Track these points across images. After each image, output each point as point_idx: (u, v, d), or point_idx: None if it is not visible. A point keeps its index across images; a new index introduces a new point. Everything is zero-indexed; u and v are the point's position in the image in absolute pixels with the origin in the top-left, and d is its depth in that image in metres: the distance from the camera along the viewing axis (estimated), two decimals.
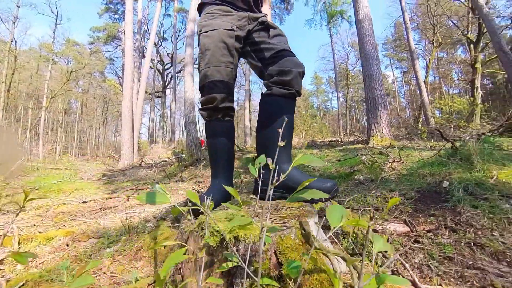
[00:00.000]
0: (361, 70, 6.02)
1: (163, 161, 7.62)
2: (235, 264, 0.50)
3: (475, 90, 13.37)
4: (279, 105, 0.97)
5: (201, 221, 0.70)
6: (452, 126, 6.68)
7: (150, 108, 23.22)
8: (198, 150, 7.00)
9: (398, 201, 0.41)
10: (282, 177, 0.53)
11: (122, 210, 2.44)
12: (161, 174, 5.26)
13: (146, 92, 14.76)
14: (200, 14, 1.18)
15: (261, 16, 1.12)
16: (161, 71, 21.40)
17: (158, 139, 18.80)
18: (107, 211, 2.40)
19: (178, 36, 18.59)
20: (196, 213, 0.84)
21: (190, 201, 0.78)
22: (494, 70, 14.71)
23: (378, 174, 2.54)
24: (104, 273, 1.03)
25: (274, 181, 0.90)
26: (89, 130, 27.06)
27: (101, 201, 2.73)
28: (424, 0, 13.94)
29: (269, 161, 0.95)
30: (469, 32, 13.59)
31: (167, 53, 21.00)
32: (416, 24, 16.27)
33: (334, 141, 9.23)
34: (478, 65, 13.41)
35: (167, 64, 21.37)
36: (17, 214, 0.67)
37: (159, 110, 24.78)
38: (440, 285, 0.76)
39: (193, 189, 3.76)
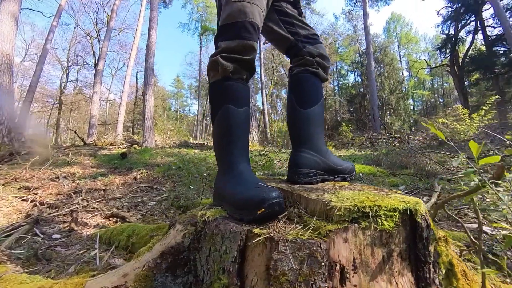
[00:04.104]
0: None
1: None
2: None
3: None
4: (320, 86, 0.89)
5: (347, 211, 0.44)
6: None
7: None
8: (13, 138, 4.34)
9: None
10: None
11: None
12: None
13: None
14: None
15: None
16: None
17: None
18: None
19: None
20: (278, 212, 0.51)
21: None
22: None
23: (274, 170, 2.86)
24: None
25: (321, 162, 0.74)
26: None
27: None
28: (271, 49, 18.15)
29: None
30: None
31: None
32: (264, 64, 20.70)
33: (201, 143, 9.30)
34: None
35: None
36: None
37: None
38: None
39: (33, 203, 2.32)
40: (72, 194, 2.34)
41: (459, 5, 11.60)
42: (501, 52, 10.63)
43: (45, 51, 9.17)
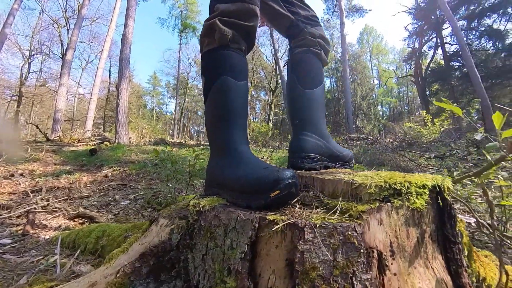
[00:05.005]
0: None
1: None
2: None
3: (270, 120, 19.30)
4: (321, 69, 0.84)
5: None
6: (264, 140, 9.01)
7: None
8: None
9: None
10: None
11: None
12: None
13: None
14: None
15: None
16: None
17: None
18: None
19: None
20: (295, 194, 0.43)
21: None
22: (278, 111, 21.97)
23: None
24: None
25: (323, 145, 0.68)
26: None
27: None
28: (252, 51, 18.30)
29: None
30: (271, 83, 19.49)
31: None
32: None
33: (179, 142, 8.95)
34: (273, 105, 19.52)
35: None
36: None
37: None
38: None
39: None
40: (29, 193, 2.03)
41: (423, 22, 12.68)
42: (456, 66, 11.82)
43: (3, 36, 8.12)
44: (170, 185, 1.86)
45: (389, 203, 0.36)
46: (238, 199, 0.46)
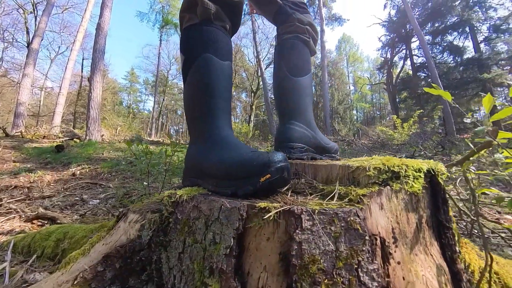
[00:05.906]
0: None
1: None
2: None
3: (251, 121, 19.38)
4: (310, 57, 0.81)
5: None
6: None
7: None
8: None
9: None
10: None
11: None
12: None
13: None
14: None
15: None
16: None
17: None
18: None
19: None
20: (286, 179, 0.38)
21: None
22: (259, 112, 22.09)
23: None
24: None
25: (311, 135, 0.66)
26: None
27: None
28: (234, 52, 18.15)
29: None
30: (252, 85, 19.56)
31: None
32: None
33: (157, 141, 8.59)
34: (254, 107, 19.60)
35: None
36: None
37: None
38: None
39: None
40: None
41: (395, 34, 13.58)
42: (422, 77, 12.83)
43: None
44: (146, 183, 1.73)
45: (388, 187, 0.34)
46: (222, 186, 0.41)
